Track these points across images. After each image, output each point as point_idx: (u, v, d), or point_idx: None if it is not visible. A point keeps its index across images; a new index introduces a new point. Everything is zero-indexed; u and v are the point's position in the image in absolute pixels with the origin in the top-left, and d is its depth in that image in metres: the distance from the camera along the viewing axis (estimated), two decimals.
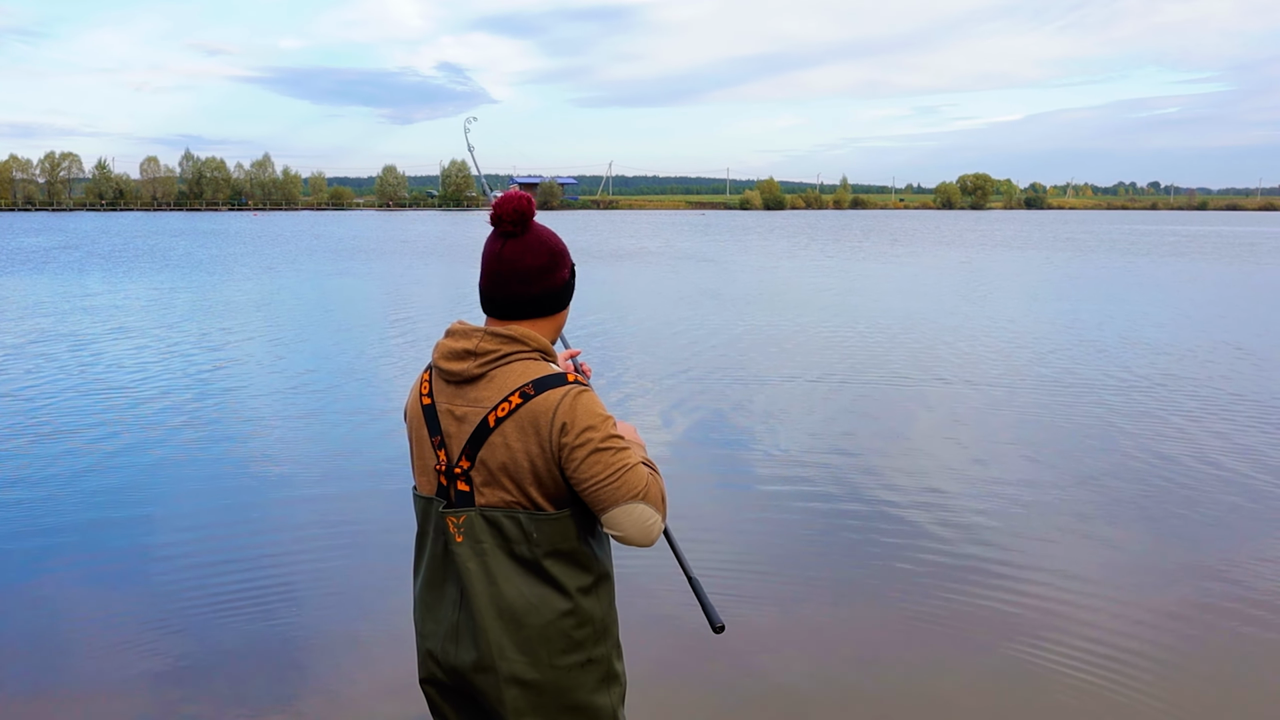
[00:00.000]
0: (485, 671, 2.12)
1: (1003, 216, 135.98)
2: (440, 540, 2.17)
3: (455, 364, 2.14)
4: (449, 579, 2.18)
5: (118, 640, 4.70)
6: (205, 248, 42.72)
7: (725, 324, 16.57)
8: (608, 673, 2.22)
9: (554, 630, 2.12)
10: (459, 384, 2.15)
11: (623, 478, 2.06)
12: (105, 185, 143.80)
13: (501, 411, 2.08)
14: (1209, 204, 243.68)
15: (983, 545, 5.99)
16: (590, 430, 2.06)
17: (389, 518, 6.41)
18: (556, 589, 2.12)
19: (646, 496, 2.09)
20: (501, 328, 2.14)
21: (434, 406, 2.18)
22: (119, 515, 6.52)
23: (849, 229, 73.35)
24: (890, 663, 4.52)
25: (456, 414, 2.14)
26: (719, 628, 2.25)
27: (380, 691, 4.24)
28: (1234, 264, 35.36)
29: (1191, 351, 13.76)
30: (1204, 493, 7.08)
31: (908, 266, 32.49)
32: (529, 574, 2.11)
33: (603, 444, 2.06)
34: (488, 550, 2.10)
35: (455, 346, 2.15)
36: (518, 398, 2.07)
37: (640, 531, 2.08)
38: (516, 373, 2.11)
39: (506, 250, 2.15)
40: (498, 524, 2.10)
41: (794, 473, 7.60)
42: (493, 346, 2.12)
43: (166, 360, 12.62)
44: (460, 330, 2.18)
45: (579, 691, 2.16)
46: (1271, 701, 4.21)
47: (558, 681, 2.13)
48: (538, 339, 2.15)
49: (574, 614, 2.14)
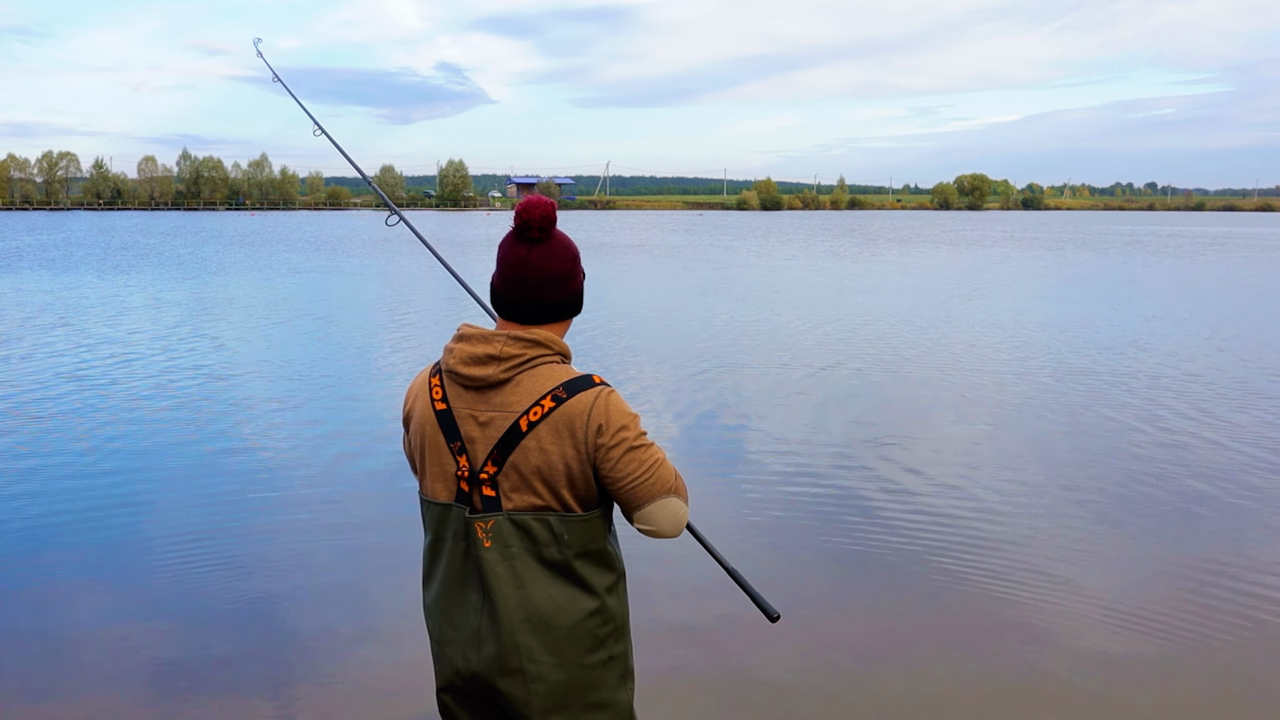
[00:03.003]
0: (511, 675, 2.12)
1: (1000, 217, 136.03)
2: (461, 546, 2.15)
3: (477, 369, 2.11)
4: (469, 584, 2.16)
5: (113, 639, 4.70)
6: (218, 248, 42.66)
7: (720, 320, 16.61)
8: (626, 668, 2.26)
9: (581, 630, 2.14)
10: (481, 389, 2.13)
11: (656, 473, 2.12)
12: (103, 185, 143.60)
13: (534, 415, 2.08)
14: (1206, 204, 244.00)
15: (982, 546, 5.99)
16: (624, 430, 2.10)
17: (389, 517, 6.40)
18: (584, 589, 2.14)
19: (677, 490, 2.16)
20: (523, 332, 2.13)
21: (450, 412, 2.15)
22: (113, 517, 6.52)
23: (856, 231, 73.35)
24: (889, 663, 4.52)
25: (480, 419, 2.12)
26: (774, 617, 2.32)
27: (379, 691, 4.23)
28: (1236, 263, 35.40)
29: (1194, 349, 13.78)
30: (1208, 492, 7.09)
31: (910, 266, 32.52)
32: (557, 576, 2.12)
33: (636, 442, 2.11)
34: (516, 554, 2.10)
35: (476, 352, 2.12)
36: (550, 401, 2.08)
37: (674, 525, 2.16)
38: (543, 376, 2.11)
39: (533, 256, 2.15)
40: (527, 528, 2.10)
41: (791, 472, 7.60)
42: (517, 351, 2.11)
43: (162, 357, 12.61)
44: (477, 335, 2.15)
45: (602, 689, 2.19)
46: (1272, 704, 4.21)
47: (583, 679, 2.15)
48: (559, 342, 2.17)
49: (600, 613, 2.17)
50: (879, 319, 17.42)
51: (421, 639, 4.54)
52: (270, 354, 13.26)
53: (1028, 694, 4.25)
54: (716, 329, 15.96)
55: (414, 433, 2.23)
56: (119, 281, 24.74)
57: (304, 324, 16.70)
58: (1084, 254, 41.86)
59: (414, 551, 5.69)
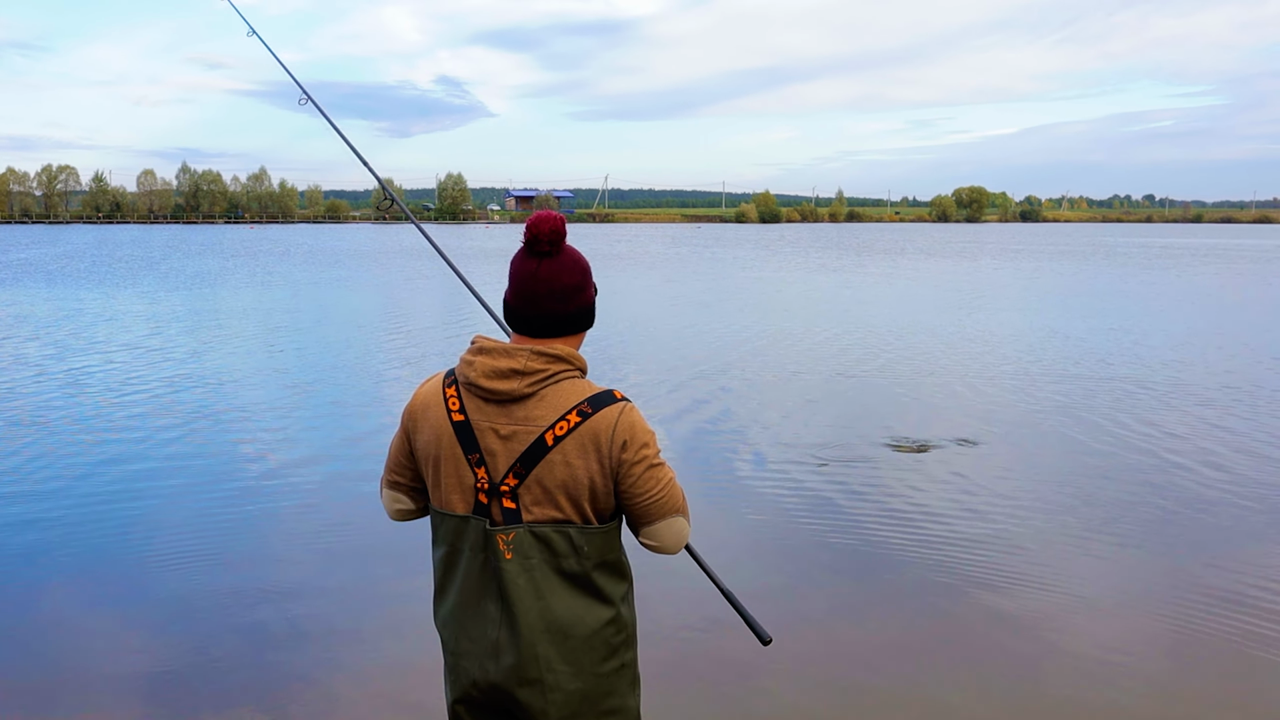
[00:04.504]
0: (530, 685, 2.14)
1: (999, 229, 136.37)
2: (480, 558, 2.16)
3: (500, 383, 2.13)
4: (488, 596, 2.17)
5: (109, 642, 4.69)
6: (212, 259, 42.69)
7: (724, 330, 16.64)
8: (635, 675, 2.30)
9: (598, 639, 2.17)
10: (503, 403, 2.14)
11: (669, 492, 2.19)
12: (102, 198, 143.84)
13: (560, 430, 2.10)
14: (1204, 216, 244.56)
15: (984, 555, 5.99)
16: (646, 447, 2.15)
17: (385, 522, 6.40)
18: (601, 599, 2.18)
19: (684, 511, 2.23)
20: (545, 346, 2.15)
21: (469, 424, 2.16)
22: (110, 520, 6.52)
23: (863, 246, 73.43)
24: (888, 675, 4.51)
25: (502, 432, 2.13)
26: (767, 641, 2.36)
27: (377, 700, 4.23)
28: (1240, 275, 35.46)
29: (1196, 359, 13.80)
30: (1210, 501, 7.09)
31: (912, 276, 32.56)
32: (575, 587, 2.15)
33: (655, 460, 2.17)
34: (535, 566, 2.13)
35: (499, 365, 2.14)
36: (576, 416, 2.11)
37: (677, 543, 2.24)
38: (567, 392, 2.14)
39: (543, 270, 2.17)
40: (547, 540, 2.13)
41: (792, 481, 7.60)
42: (541, 366, 2.13)
43: (158, 365, 12.64)
44: (498, 348, 2.16)
45: (614, 696, 2.22)
46: (1271, 712, 4.21)
47: (598, 688, 2.19)
48: (579, 357, 2.20)
49: (615, 622, 2.20)
50: (877, 329, 17.43)
51: (422, 647, 4.54)
52: (268, 362, 13.28)
53: (1027, 705, 4.25)
54: (711, 339, 15.98)
55: (427, 443, 2.23)
56: (117, 294, 24.77)
57: (301, 330, 16.71)
58: (1080, 265, 41.91)
59: (411, 557, 5.70)
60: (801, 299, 24.95)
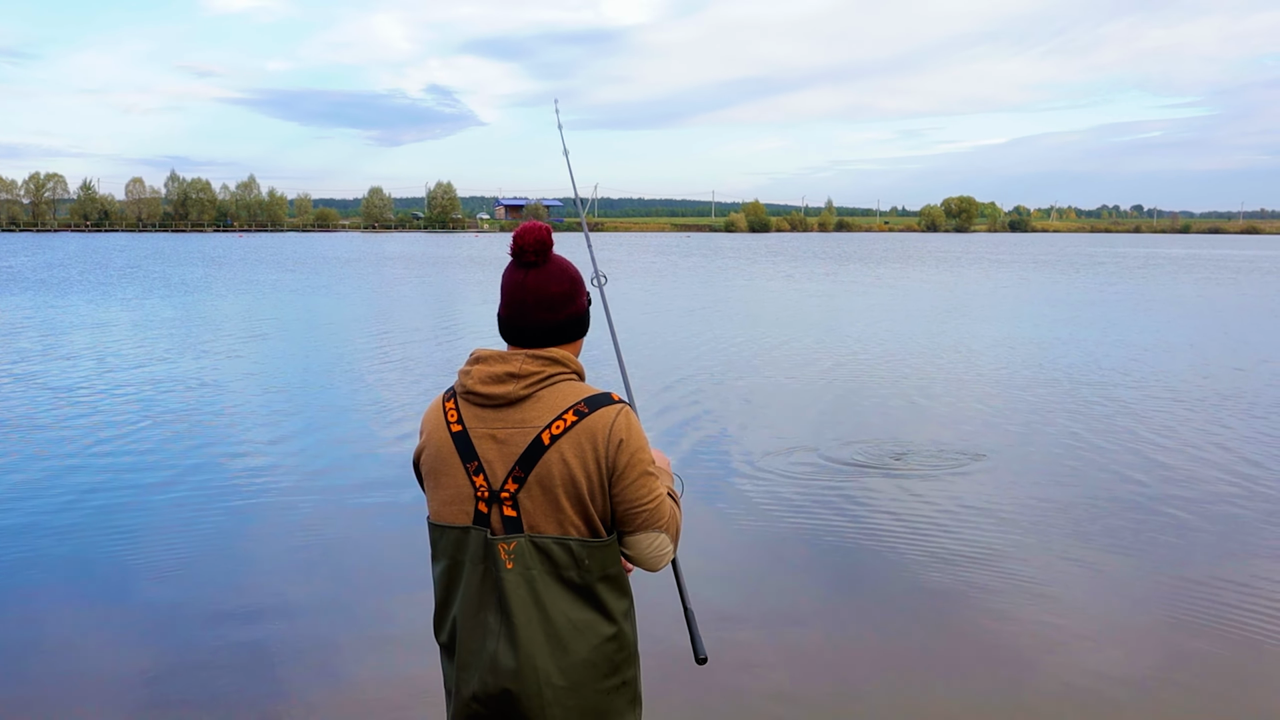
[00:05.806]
0: (529, 698, 2.12)
1: (988, 239, 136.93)
2: (480, 568, 2.14)
3: (497, 387, 2.13)
4: (487, 607, 2.15)
5: (93, 652, 4.66)
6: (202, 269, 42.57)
7: (712, 339, 16.65)
8: (635, 693, 2.27)
9: (599, 655, 2.14)
10: (500, 407, 2.14)
11: (658, 506, 2.17)
12: (90, 206, 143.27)
13: (556, 429, 2.10)
14: (1192, 227, 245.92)
15: (973, 565, 6.00)
16: (641, 451, 2.14)
17: (377, 533, 6.38)
18: (604, 614, 2.15)
19: (668, 529, 2.20)
20: (539, 351, 2.16)
21: (466, 433, 2.16)
22: (94, 530, 6.48)
23: (867, 256, 73.72)
24: (877, 684, 4.52)
25: (499, 437, 2.13)
26: (702, 659, 2.32)
27: (359, 705, 4.21)
28: (1227, 285, 35.69)
29: (1186, 369, 13.87)
30: (1198, 513, 7.12)
31: (900, 285, 32.66)
32: (578, 599, 2.13)
33: (649, 468, 2.15)
34: (536, 576, 2.11)
35: (495, 371, 2.15)
36: (572, 415, 2.10)
37: (652, 560, 2.21)
38: (563, 392, 2.14)
39: (530, 280, 2.18)
40: (547, 550, 2.11)
41: (780, 492, 7.60)
42: (536, 368, 2.14)
43: (151, 374, 12.59)
44: (495, 355, 2.17)
45: (613, 714, 2.20)
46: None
47: (598, 705, 2.16)
48: (575, 361, 2.20)
49: (616, 638, 2.17)
50: (870, 340, 17.48)
51: (417, 656, 4.52)
52: (256, 368, 13.23)
53: (1015, 715, 4.25)
54: (699, 347, 16.00)
55: (430, 457, 2.22)
56: (103, 302, 24.67)
57: (297, 337, 16.67)
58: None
59: (399, 570, 5.68)
60: (790, 308, 24.99)
